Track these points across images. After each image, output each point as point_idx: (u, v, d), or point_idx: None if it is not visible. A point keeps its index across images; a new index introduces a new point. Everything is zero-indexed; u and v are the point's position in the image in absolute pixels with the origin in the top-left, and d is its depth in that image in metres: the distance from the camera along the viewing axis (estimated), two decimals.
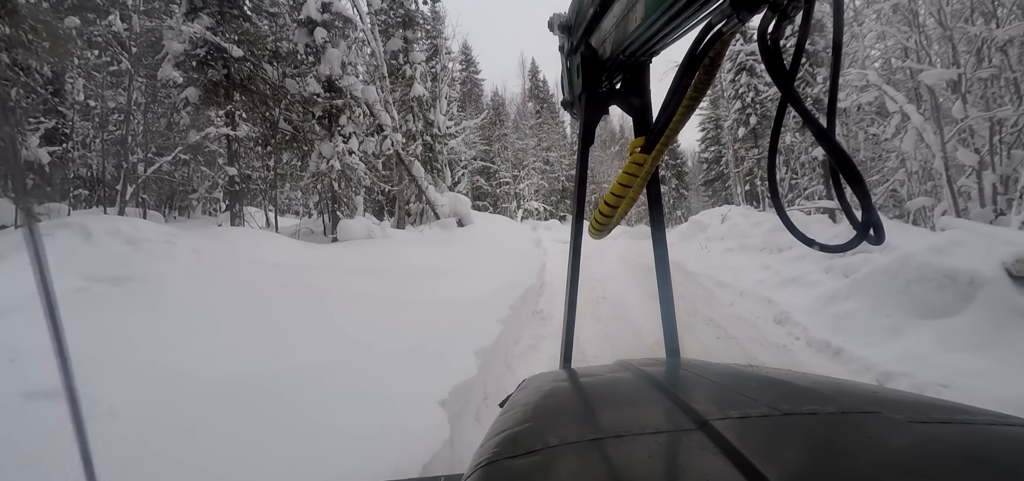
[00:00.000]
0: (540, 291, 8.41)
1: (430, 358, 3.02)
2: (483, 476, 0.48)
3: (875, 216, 0.51)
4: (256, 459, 1.64)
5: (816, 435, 0.49)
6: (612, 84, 0.97)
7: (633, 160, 0.79)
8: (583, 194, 0.97)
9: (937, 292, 4.37)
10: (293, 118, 9.42)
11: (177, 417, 1.71)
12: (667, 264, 1.04)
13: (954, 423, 0.50)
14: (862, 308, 4.90)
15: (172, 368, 2.13)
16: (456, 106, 21.67)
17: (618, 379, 0.77)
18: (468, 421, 2.96)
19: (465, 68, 32.15)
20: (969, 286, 4.19)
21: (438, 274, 6.47)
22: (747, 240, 10.83)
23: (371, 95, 9.91)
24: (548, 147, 34.85)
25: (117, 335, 2.45)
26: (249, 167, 10.95)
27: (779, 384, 0.68)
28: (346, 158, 8.99)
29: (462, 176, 23.85)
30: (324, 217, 10.25)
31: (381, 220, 11.97)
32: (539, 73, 41.11)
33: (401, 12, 11.96)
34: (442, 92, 14.42)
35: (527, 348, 5.30)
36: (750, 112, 17.88)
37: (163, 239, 3.87)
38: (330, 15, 9.03)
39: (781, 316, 5.60)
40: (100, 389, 1.77)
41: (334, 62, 8.88)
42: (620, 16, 0.77)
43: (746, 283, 7.45)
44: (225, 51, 8.27)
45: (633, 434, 0.52)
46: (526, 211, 29.23)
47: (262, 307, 3.33)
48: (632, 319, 6.56)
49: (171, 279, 3.42)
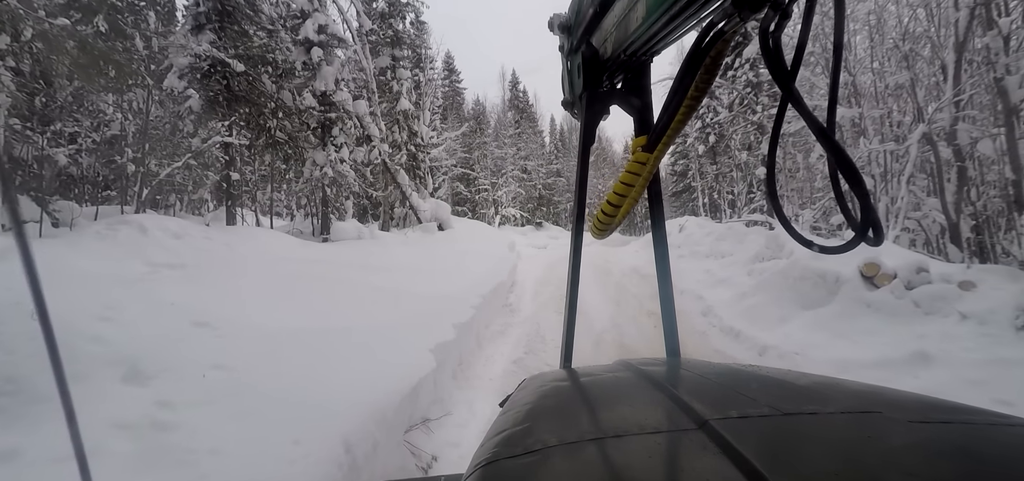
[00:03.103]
0: (511, 289, 9.49)
1: (419, 327, 4.04)
2: (483, 476, 0.49)
3: (874, 216, 0.50)
4: (317, 372, 2.64)
5: (816, 435, 0.49)
6: (613, 84, 0.96)
7: (635, 159, 0.78)
8: (584, 195, 0.95)
9: (813, 289, 5.63)
10: (288, 127, 10.28)
11: (263, 347, 2.68)
12: (668, 265, 1.02)
13: (954, 423, 0.50)
14: (764, 301, 6.14)
15: (243, 321, 3.09)
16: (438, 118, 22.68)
17: (618, 379, 0.76)
18: (447, 372, 3.99)
19: (447, 77, 33.13)
20: (835, 284, 5.45)
21: (422, 270, 7.47)
22: (697, 247, 12.13)
23: (361, 108, 10.86)
24: (526, 156, 36.11)
25: (194, 302, 3.40)
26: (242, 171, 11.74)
27: (779, 384, 0.68)
28: (338, 166, 9.92)
29: (443, 182, 24.82)
30: (314, 219, 11.10)
31: (365, 223, 12.87)
32: (519, 83, 42.47)
33: (390, 32, 12.99)
34: (425, 104, 15.43)
35: (496, 333, 6.34)
36: (709, 131, 19.40)
37: (202, 235, 4.79)
38: (326, 36, 9.97)
39: (706, 309, 6.81)
40: (213, 330, 2.74)
41: (328, 79, 9.82)
42: (621, 15, 0.76)
43: (687, 283, 8.68)
44: (228, 65, 9.11)
45: (633, 434, 0.52)
46: (504, 217, 30.34)
47: (288, 287, 4.30)
48: (587, 313, 7.64)
49: (214, 265, 4.36)
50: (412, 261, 8.53)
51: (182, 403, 1.83)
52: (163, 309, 2.65)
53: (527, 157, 36.05)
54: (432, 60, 21.79)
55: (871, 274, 5.23)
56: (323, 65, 9.80)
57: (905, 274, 4.92)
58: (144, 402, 1.77)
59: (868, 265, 5.24)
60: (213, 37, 9.36)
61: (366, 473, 2.06)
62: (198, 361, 2.16)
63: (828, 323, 5.12)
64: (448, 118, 28.34)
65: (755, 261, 7.95)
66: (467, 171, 30.54)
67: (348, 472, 1.88)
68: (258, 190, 16.36)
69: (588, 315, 7.45)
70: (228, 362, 2.25)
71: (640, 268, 11.74)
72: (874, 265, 5.19)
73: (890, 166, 7.99)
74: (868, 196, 0.49)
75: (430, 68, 19.59)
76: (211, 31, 9.45)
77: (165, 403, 1.80)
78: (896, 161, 8.46)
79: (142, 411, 1.71)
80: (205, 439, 1.65)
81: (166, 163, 8.20)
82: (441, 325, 4.27)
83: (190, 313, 2.75)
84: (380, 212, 14.36)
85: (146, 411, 1.71)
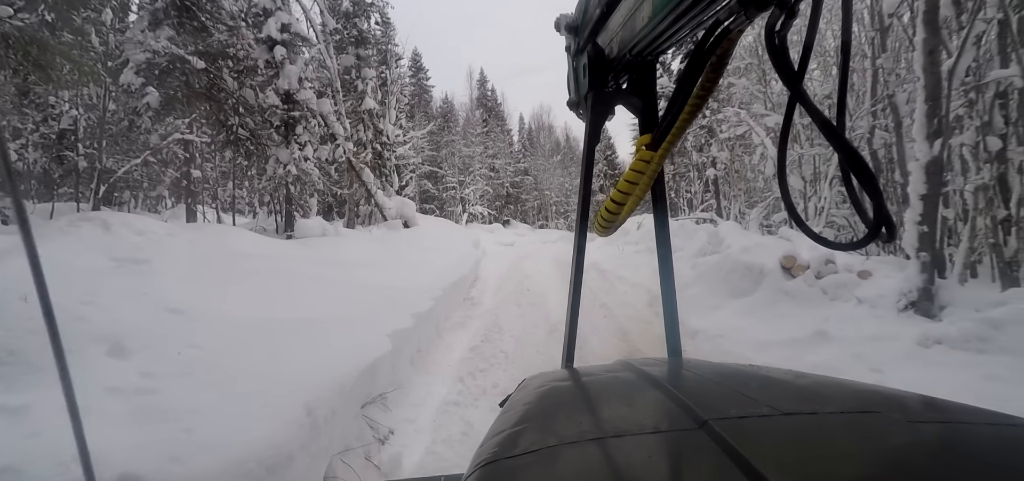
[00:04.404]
0: (473, 283, 9.86)
1: (380, 317, 4.36)
2: (483, 476, 0.49)
3: (886, 213, 0.49)
4: (282, 354, 2.93)
5: (816, 435, 0.49)
6: (618, 84, 0.98)
7: (639, 157, 0.79)
8: (589, 193, 0.97)
9: (742, 279, 6.26)
10: (250, 124, 10.29)
11: (233, 333, 2.95)
12: (670, 264, 1.04)
13: (954, 423, 0.51)
14: (702, 292, 6.75)
15: (213, 311, 3.33)
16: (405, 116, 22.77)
17: (618, 379, 0.77)
18: (406, 357, 4.33)
19: (415, 74, 33.12)
20: (760, 275, 6.08)
21: (385, 266, 7.74)
22: (652, 244, 12.83)
23: (325, 107, 10.95)
24: (494, 154, 36.48)
25: (161, 295, 3.61)
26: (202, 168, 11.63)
27: (780, 384, 0.69)
28: (302, 164, 10.01)
29: (410, 180, 24.91)
30: (277, 216, 11.13)
31: (330, 221, 12.94)
32: (487, 82, 42.81)
33: (355, 32, 13.08)
34: (391, 103, 15.58)
35: (457, 325, 6.70)
36: None
37: (164, 231, 4.93)
38: (289, 35, 10.03)
39: (652, 300, 7.37)
40: (186, 316, 2.99)
41: (292, 77, 9.88)
42: (627, 15, 0.76)
43: (639, 277, 9.29)
44: (187, 63, 9.07)
45: (633, 434, 0.53)
46: (471, 215, 30.63)
47: (254, 282, 4.52)
48: (546, 305, 8.09)
49: (178, 261, 4.53)
50: (376, 257, 8.77)
51: (162, 374, 2.11)
52: (137, 297, 2.88)
53: (495, 156, 36.43)
54: (399, 58, 21.87)
55: (789, 266, 5.88)
56: (286, 64, 9.87)
57: (816, 265, 5.58)
58: (128, 373, 2.04)
59: (787, 258, 5.89)
60: (172, 33, 9.29)
61: (325, 433, 2.40)
62: (174, 341, 2.43)
63: (753, 310, 5.74)
64: (415, 115, 28.40)
65: (698, 255, 8.60)
66: (435, 169, 30.67)
67: (309, 430, 2.21)
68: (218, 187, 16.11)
69: (546, 307, 7.91)
70: (201, 343, 2.53)
71: (599, 263, 12.34)
72: (792, 258, 5.84)
73: (819, 167, 8.80)
74: (881, 194, 0.50)
75: (397, 65, 19.69)
76: (169, 26, 9.37)
77: (147, 374, 2.08)
78: (824, 163, 9.30)
79: (127, 380, 1.98)
80: (185, 401, 1.95)
81: (123, 160, 8.12)
82: (401, 314, 4.59)
83: (162, 302, 2.99)
84: (345, 209, 14.44)
85: (131, 380, 1.99)
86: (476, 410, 3.81)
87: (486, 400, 4.03)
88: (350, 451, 2.82)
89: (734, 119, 10.79)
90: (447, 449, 3.22)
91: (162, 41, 8.92)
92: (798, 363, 4.18)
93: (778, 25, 0.54)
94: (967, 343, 3.59)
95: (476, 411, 3.79)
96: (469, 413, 3.74)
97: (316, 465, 2.30)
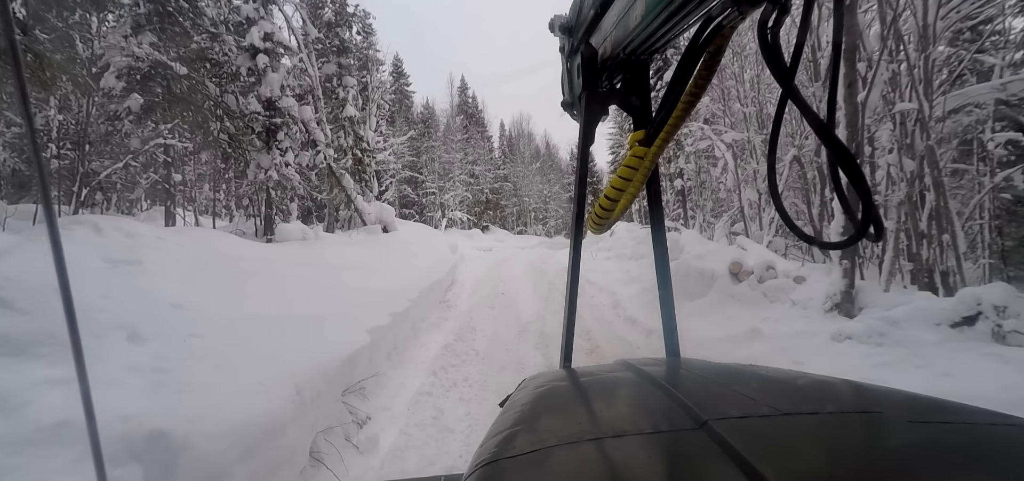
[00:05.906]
0: (450, 287, 10.26)
1: (360, 316, 4.74)
2: (483, 476, 0.49)
3: (875, 213, 0.49)
4: (272, 344, 3.30)
5: (816, 435, 0.49)
6: (612, 84, 0.97)
7: (633, 153, 0.78)
8: (583, 195, 0.95)
9: (695, 283, 6.84)
10: (231, 129, 10.49)
11: (228, 326, 3.31)
12: (667, 265, 1.02)
13: (954, 423, 0.50)
14: None
15: (208, 308, 3.67)
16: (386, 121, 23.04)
17: (618, 379, 0.77)
18: (383, 352, 4.72)
19: (396, 80, 33.34)
20: (711, 279, 6.67)
21: (364, 269, 8.09)
22: (622, 250, 13.48)
23: (307, 114, 11.24)
24: (474, 161, 36.92)
25: (160, 292, 3.93)
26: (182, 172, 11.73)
27: (780, 384, 0.69)
28: (283, 170, 10.27)
29: (390, 185, 25.13)
30: (257, 220, 11.33)
31: (310, 225, 13.16)
32: (468, 89, 43.31)
33: (336, 41, 13.41)
34: (372, 110, 15.88)
35: (432, 326, 7.09)
36: None
37: (154, 234, 5.21)
38: (271, 44, 10.31)
39: (616, 303, 7.91)
40: (186, 310, 3.33)
41: (274, 85, 10.16)
42: (620, 14, 0.77)
43: (607, 282, 9.84)
44: (169, 68, 9.26)
45: (633, 434, 0.53)
46: (451, 220, 30.96)
47: (242, 283, 4.85)
48: (518, 308, 8.53)
49: (168, 263, 4.82)
50: (356, 260, 9.09)
51: (173, 357, 2.47)
52: (140, 294, 3.21)
53: (475, 162, 36.87)
54: (380, 64, 22.20)
55: (736, 271, 6.49)
56: (269, 72, 10.14)
57: (759, 271, 6.18)
58: (145, 355, 2.39)
59: (734, 264, 6.49)
60: (153, 39, 9.47)
61: (312, 411, 2.80)
62: (179, 331, 2.78)
63: (703, 311, 6.31)
64: (396, 121, 28.65)
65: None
66: (415, 174, 30.91)
67: (299, 407, 2.61)
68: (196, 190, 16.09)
69: (517, 309, 8.36)
70: (203, 333, 2.89)
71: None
72: (739, 263, 6.44)
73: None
74: (870, 193, 0.49)
75: (378, 71, 20.01)
76: (152, 32, 9.54)
77: (160, 356, 2.43)
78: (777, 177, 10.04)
79: (145, 361, 2.34)
80: (196, 378, 2.31)
81: (105, 164, 8.24)
82: (379, 313, 4.99)
83: (163, 298, 3.33)
84: (325, 214, 14.66)
85: (148, 361, 2.34)
86: (447, 399, 4.24)
87: (457, 391, 4.45)
88: (331, 430, 3.21)
89: (698, 133, 11.48)
90: (419, 431, 3.63)
91: (145, 46, 9.11)
92: (733, 356, 4.75)
93: (771, 22, 0.54)
94: (870, 337, 4.19)
95: (447, 400, 4.21)
96: (441, 402, 4.16)
97: (304, 437, 2.69)
